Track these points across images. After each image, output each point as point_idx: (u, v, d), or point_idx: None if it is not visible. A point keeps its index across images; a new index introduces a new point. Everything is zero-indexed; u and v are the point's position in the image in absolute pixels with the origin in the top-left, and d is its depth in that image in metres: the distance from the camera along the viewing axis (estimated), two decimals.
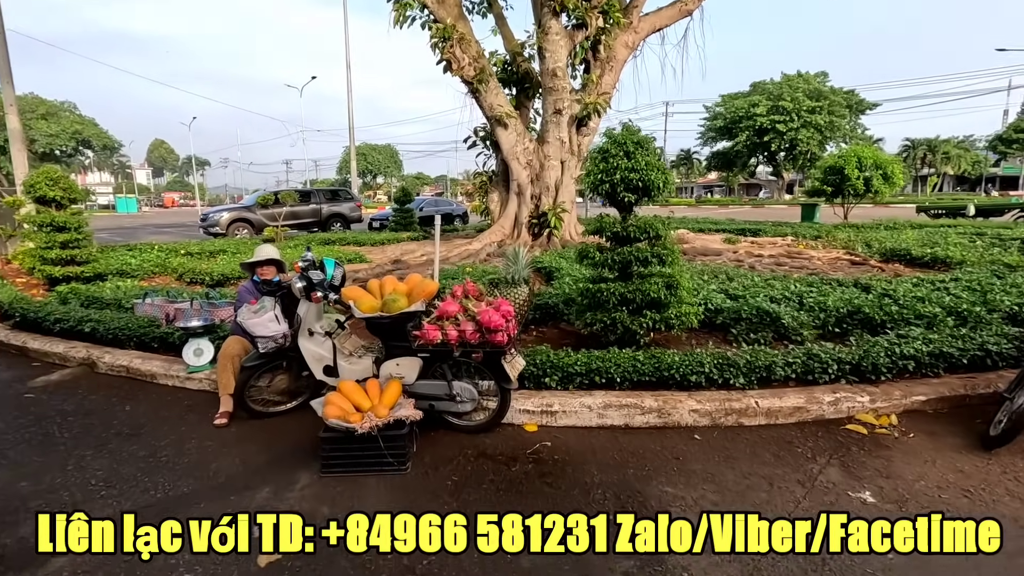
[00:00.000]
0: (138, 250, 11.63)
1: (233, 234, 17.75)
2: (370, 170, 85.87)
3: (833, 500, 2.78)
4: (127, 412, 4.08)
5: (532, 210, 11.41)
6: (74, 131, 59.32)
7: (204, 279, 8.42)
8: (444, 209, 24.82)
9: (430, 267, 8.96)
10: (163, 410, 4.13)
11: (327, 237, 15.11)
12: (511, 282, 3.43)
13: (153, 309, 5.41)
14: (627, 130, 4.40)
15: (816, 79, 50.82)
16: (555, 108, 10.99)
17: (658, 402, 3.70)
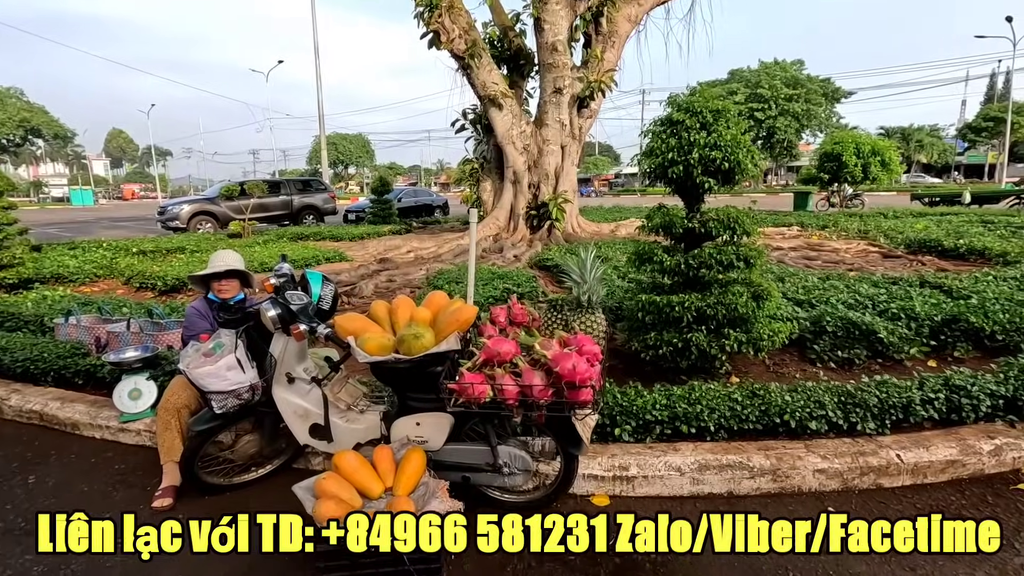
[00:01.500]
0: (80, 249, 10.18)
1: (195, 228, 16.23)
2: (341, 160, 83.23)
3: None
4: (30, 487, 2.93)
5: (530, 200, 10.35)
6: (21, 119, 55.56)
7: (155, 284, 7.14)
8: (424, 200, 23.52)
9: (422, 265, 7.86)
10: (83, 481, 2.98)
11: (300, 231, 13.81)
12: (578, 305, 2.39)
13: (78, 331, 4.21)
14: (702, 95, 3.39)
15: (792, 67, 50.73)
16: (555, 87, 9.93)
17: (770, 460, 2.74)
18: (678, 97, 3.49)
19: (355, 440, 2.54)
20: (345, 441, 2.53)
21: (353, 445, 2.55)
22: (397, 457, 2.39)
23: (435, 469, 2.44)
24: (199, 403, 2.91)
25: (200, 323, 3.03)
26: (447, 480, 2.36)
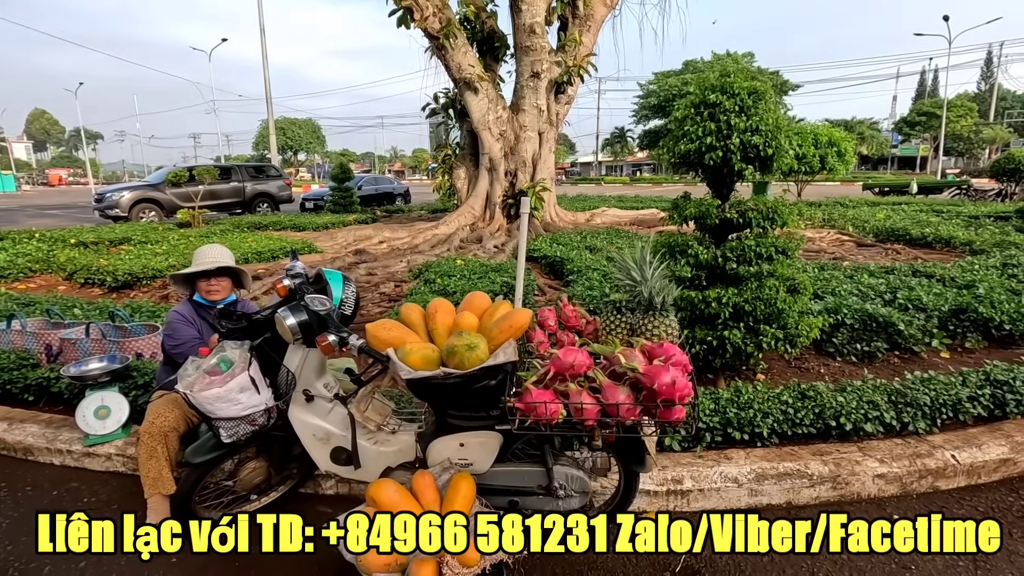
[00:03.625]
0: (10, 240, 9.15)
1: (138, 217, 15.04)
2: (290, 146, 79.79)
3: None
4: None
5: (507, 188, 10.03)
6: None
7: (104, 279, 6.44)
8: (385, 187, 22.73)
9: (401, 257, 7.44)
10: None
11: (257, 220, 13.01)
12: (649, 307, 2.12)
13: (24, 338, 3.62)
14: (737, 74, 3.17)
15: (744, 59, 52.07)
16: (532, 71, 9.60)
17: (828, 466, 2.58)
18: (709, 77, 3.26)
19: (384, 464, 2.20)
20: (374, 467, 2.19)
21: (382, 470, 2.21)
22: (439, 483, 2.08)
23: (479, 494, 2.13)
24: (189, 423, 2.49)
25: (186, 330, 2.60)
26: (492, 505, 2.06)
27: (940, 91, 69.00)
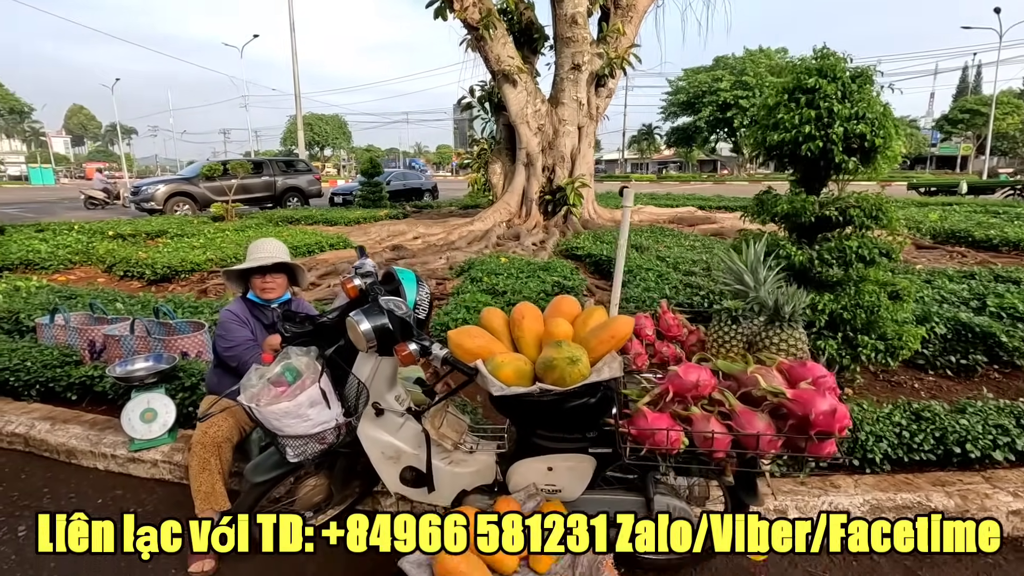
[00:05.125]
0: (51, 232, 9.22)
1: (172, 210, 15.17)
2: (317, 141, 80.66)
3: None
4: (20, 542, 2.27)
5: (544, 184, 9.75)
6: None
7: (143, 272, 6.36)
8: (413, 183, 22.64)
9: (439, 254, 7.22)
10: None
11: (289, 214, 12.93)
12: (775, 317, 1.83)
13: (67, 333, 3.49)
14: (836, 58, 2.85)
15: (776, 55, 50.81)
16: (573, 63, 9.29)
17: (953, 499, 2.26)
18: (805, 60, 2.94)
19: (460, 487, 1.97)
20: (448, 490, 1.96)
21: (457, 493, 1.98)
22: (524, 511, 1.84)
23: (601, 553, 1.88)
24: (242, 432, 2.29)
25: (240, 331, 2.40)
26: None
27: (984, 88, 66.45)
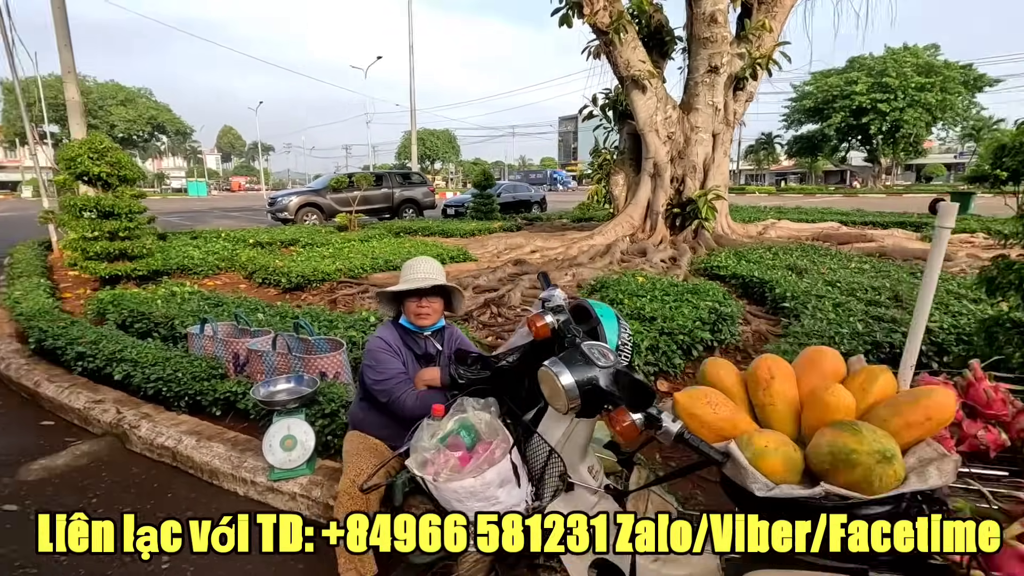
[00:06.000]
0: (203, 239, 10.07)
1: (302, 220, 16.25)
2: (428, 155, 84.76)
3: None
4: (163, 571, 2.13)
5: (672, 196, 9.04)
6: (150, 116, 60.65)
7: (279, 281, 6.59)
8: (522, 195, 22.64)
9: (564, 270, 6.80)
10: (228, 566, 2.15)
11: (406, 225, 13.26)
12: None
13: (214, 345, 3.49)
14: None
15: (926, 52, 45.19)
16: (710, 65, 8.53)
17: None
18: None
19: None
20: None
21: None
22: None
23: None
24: (389, 474, 1.98)
25: (392, 362, 2.10)
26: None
27: None
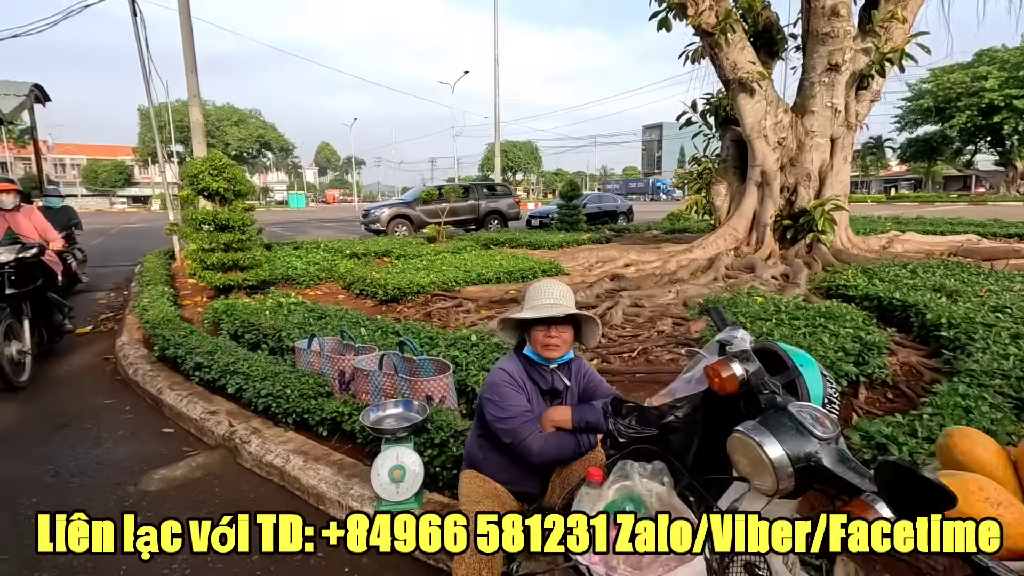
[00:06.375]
0: (304, 250, 10.58)
1: (393, 231, 16.77)
2: (510, 166, 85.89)
3: None
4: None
5: (782, 207, 8.31)
6: (258, 135, 66.11)
7: (376, 292, 6.67)
8: (608, 205, 22.14)
9: (667, 287, 6.37)
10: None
11: (493, 237, 13.24)
12: None
13: (321, 361, 3.46)
14: None
15: None
16: (829, 63, 7.77)
17: None
18: None
19: None
20: None
21: None
22: None
23: None
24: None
25: (517, 399, 1.88)
26: None
27: None
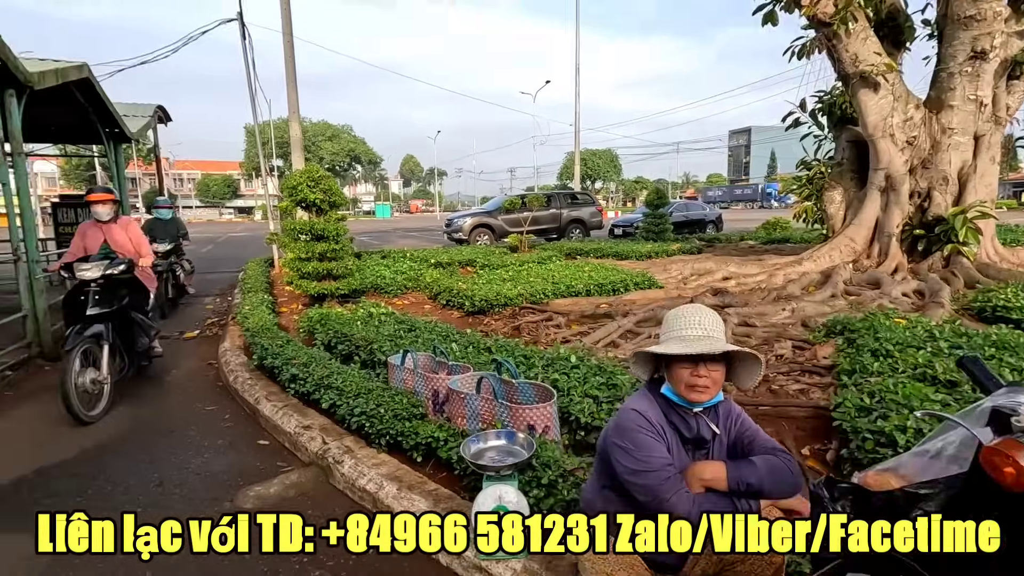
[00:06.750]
0: (391, 259, 10.76)
1: (474, 240, 16.85)
2: (589, 175, 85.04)
3: None
4: None
5: (910, 214, 7.35)
6: (349, 149, 69.99)
7: (463, 304, 6.54)
8: (695, 214, 21.10)
9: (779, 304, 5.75)
10: None
11: (577, 247, 12.88)
12: None
13: (414, 379, 3.29)
14: None
15: None
16: (973, 50, 6.79)
17: None
18: None
19: None
20: None
21: None
22: None
23: None
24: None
25: (655, 448, 1.55)
26: None
27: None
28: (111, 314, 4.04)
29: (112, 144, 9.26)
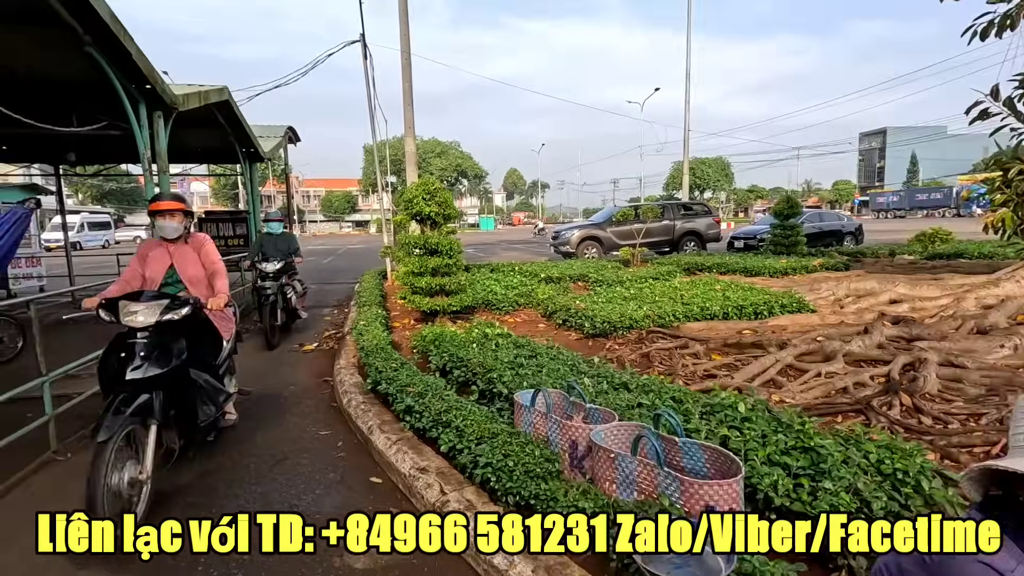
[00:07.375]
0: (500, 272, 10.47)
1: (582, 253, 16.23)
2: (698, 185, 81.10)
3: None
4: None
5: None
6: (456, 164, 72.66)
7: (582, 325, 5.97)
8: (830, 225, 18.86)
9: (1003, 339, 4.57)
10: None
11: (696, 261, 11.82)
12: None
13: (547, 424, 2.77)
14: None
15: None
16: None
17: None
18: None
19: None
20: None
21: None
22: None
23: None
24: None
25: None
26: None
27: None
28: (164, 377, 2.77)
29: (248, 163, 9.89)
